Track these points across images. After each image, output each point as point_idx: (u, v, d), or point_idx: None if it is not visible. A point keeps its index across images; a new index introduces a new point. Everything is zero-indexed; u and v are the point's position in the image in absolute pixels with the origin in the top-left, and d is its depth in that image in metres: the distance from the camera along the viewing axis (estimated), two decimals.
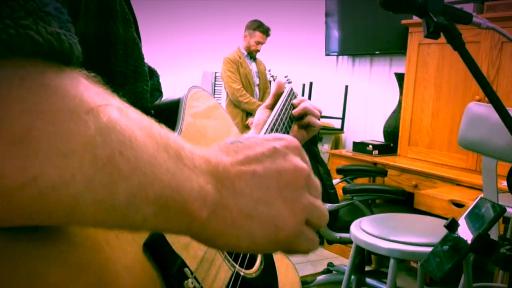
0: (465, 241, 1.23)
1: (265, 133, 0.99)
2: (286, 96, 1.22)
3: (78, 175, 0.37)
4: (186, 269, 0.60)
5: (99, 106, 0.39)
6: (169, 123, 0.70)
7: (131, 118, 0.42)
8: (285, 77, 1.54)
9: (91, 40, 0.60)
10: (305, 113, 1.19)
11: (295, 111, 1.19)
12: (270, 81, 5.14)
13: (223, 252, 0.73)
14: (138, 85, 0.68)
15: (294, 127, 1.21)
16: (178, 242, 0.60)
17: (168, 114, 0.73)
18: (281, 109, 1.15)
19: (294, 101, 1.22)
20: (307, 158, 0.57)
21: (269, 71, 1.79)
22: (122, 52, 0.64)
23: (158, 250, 0.55)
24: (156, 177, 0.42)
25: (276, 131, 1.06)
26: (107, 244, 0.47)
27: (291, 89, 1.27)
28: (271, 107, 1.19)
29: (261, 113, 1.19)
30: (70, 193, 0.37)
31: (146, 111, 0.71)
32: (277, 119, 1.09)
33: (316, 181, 0.57)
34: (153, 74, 0.82)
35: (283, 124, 1.13)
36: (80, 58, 0.40)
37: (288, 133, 1.15)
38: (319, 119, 1.21)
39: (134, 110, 0.44)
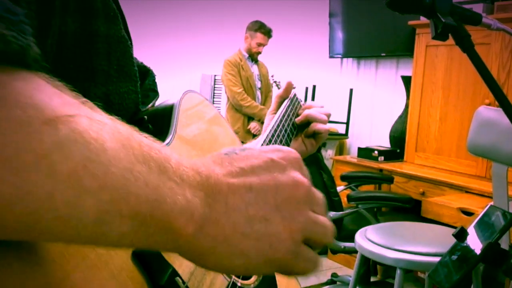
0: (475, 251, 1.23)
1: (262, 144, 0.98)
2: (288, 102, 1.21)
3: (34, 191, 0.36)
4: (178, 278, 0.58)
5: (61, 116, 0.38)
6: (163, 129, 0.70)
7: (104, 128, 0.41)
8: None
9: (71, 38, 0.59)
10: (308, 121, 1.17)
11: (297, 119, 1.18)
12: (273, 86, 5.13)
13: None
14: (122, 85, 0.67)
15: (301, 135, 1.20)
16: None
17: (162, 120, 0.73)
18: (283, 116, 1.14)
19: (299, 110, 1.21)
20: (307, 171, 0.56)
21: (272, 76, 1.80)
22: (104, 51, 0.63)
23: (147, 258, 0.54)
24: (131, 192, 0.41)
25: (276, 141, 1.05)
26: (93, 251, 0.47)
27: (294, 95, 1.26)
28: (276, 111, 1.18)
29: (268, 119, 1.18)
30: (27, 210, 0.36)
31: (135, 114, 0.71)
32: (277, 128, 1.08)
33: (319, 196, 0.56)
34: (148, 74, 0.82)
35: (285, 132, 1.12)
36: (39, 60, 0.39)
37: (290, 142, 1.14)
38: (326, 124, 1.19)
39: (111, 118, 0.42)
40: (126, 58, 0.68)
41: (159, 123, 0.71)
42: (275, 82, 1.47)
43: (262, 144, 0.98)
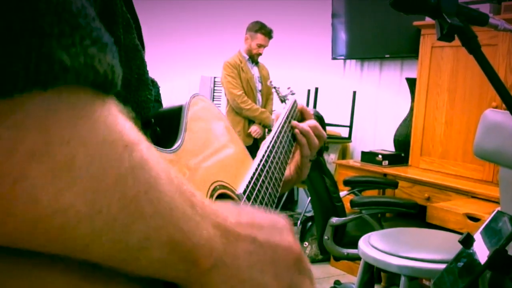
0: (481, 258, 1.23)
1: (266, 150, 0.99)
2: (290, 108, 1.22)
3: (104, 211, 0.38)
4: None
5: (134, 143, 0.41)
6: (171, 133, 0.70)
7: (156, 157, 0.44)
8: (288, 88, 1.55)
9: None
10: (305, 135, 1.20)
11: (297, 131, 1.19)
12: (273, 92, 5.13)
13: None
14: (141, 94, 0.68)
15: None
16: None
17: (170, 123, 0.73)
18: (284, 123, 1.15)
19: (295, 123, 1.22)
20: (297, 241, 0.61)
21: (271, 82, 1.80)
22: (124, 59, 0.64)
23: None
24: (173, 221, 0.44)
25: (279, 145, 1.06)
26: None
27: (295, 101, 1.27)
28: None
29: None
30: (91, 228, 0.38)
31: (147, 120, 0.71)
32: (279, 134, 1.09)
33: (306, 263, 0.61)
34: (153, 84, 0.83)
35: (287, 137, 1.13)
36: (118, 85, 0.41)
37: (291, 149, 1.15)
38: (317, 145, 1.21)
39: (155, 149, 0.46)
40: (142, 67, 0.69)
41: (166, 126, 0.72)
42: (274, 88, 1.46)
43: (267, 149, 0.99)
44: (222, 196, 0.76)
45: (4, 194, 0.34)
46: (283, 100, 1.51)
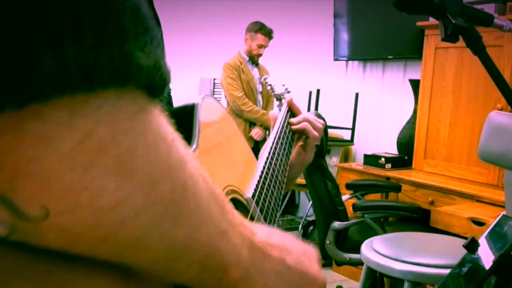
0: (486, 263, 1.23)
1: (269, 152, 1.01)
2: (286, 111, 1.23)
3: (158, 202, 0.39)
4: None
5: (177, 139, 0.42)
6: (183, 131, 0.71)
7: (192, 155, 0.44)
8: (283, 85, 1.54)
9: None
10: (303, 129, 1.22)
11: (294, 125, 1.21)
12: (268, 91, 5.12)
13: None
14: None
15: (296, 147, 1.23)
16: None
17: (181, 120, 0.74)
18: (282, 127, 1.16)
19: (292, 120, 1.24)
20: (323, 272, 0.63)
21: (265, 79, 1.78)
22: None
23: None
24: (209, 221, 0.44)
25: (281, 147, 1.07)
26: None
27: (288, 107, 1.28)
28: None
29: None
30: (147, 220, 0.39)
31: None
32: (279, 137, 1.10)
33: None
34: None
35: (286, 139, 1.14)
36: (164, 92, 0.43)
37: (291, 150, 1.17)
38: (318, 132, 1.22)
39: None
40: None
41: (178, 123, 0.73)
42: (270, 86, 1.44)
43: (268, 155, 1.00)
44: (232, 201, 0.76)
45: (74, 182, 0.35)
46: (278, 98, 1.51)
